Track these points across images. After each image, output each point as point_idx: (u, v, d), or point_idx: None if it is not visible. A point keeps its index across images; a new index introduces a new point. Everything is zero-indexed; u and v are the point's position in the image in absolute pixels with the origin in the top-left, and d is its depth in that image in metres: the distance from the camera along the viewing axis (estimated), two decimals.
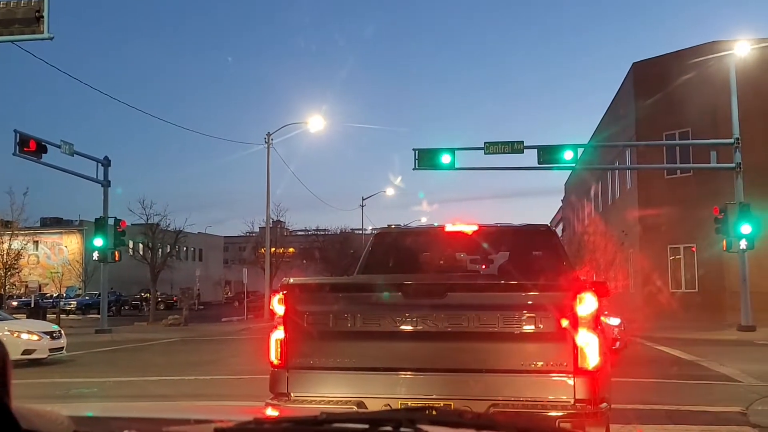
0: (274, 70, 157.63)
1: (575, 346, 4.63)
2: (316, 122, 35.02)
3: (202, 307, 55.05)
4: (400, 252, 7.58)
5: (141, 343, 23.51)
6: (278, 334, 5.05)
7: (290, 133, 37.21)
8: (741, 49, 24.30)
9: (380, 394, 4.76)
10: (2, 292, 55.75)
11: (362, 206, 56.64)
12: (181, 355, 19.68)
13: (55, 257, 64.52)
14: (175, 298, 51.98)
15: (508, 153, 25.27)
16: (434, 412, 1.00)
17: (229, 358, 18.70)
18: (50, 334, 17.18)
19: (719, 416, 9.13)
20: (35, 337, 16.63)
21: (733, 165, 23.78)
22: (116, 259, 27.99)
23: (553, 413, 4.55)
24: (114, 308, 49.99)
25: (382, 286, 5.23)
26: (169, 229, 38.48)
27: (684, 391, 11.31)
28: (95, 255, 28.19)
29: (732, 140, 23.85)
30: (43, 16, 12.85)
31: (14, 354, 14.77)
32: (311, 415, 1.04)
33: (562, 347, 4.68)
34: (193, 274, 52.86)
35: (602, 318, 15.64)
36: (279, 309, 5.08)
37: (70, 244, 66.00)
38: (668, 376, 13.09)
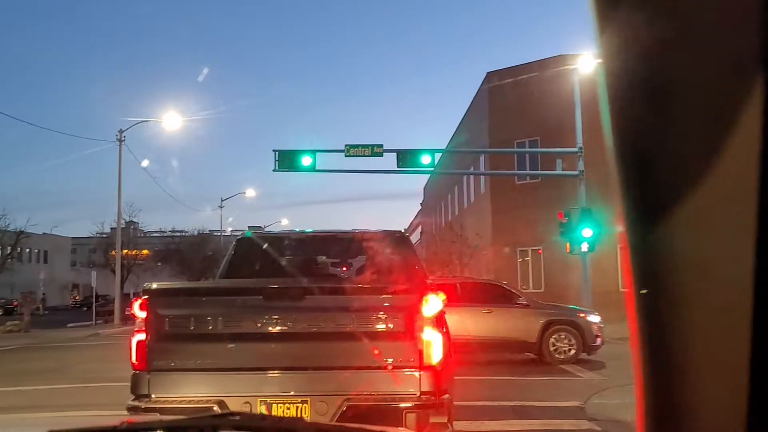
0: (132, 66, 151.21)
1: (421, 344, 5.05)
2: (171, 120, 33.77)
3: (47, 312, 51.85)
4: (262, 256, 7.85)
5: None
6: (139, 337, 5.20)
7: (146, 132, 35.82)
8: (585, 63, 25.86)
9: (241, 392, 5.03)
10: None
11: (221, 207, 55.49)
12: (19, 363, 18.40)
13: None
14: (15, 303, 48.62)
15: (369, 156, 25.51)
16: (237, 417, 0.96)
17: (74, 365, 17.68)
18: None
19: (561, 410, 9.64)
20: None
21: (576, 173, 25.26)
22: None
23: (401, 404, 4.96)
24: None
25: (242, 289, 5.55)
26: (8, 229, 35.92)
27: (529, 387, 11.86)
28: None
29: (576, 149, 25.33)
30: None
31: None
32: (111, 425, 0.97)
33: (409, 345, 5.07)
34: (36, 277, 49.64)
35: (583, 315, 15.92)
36: (140, 313, 5.23)
37: None
38: (516, 374, 13.69)
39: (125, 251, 49.41)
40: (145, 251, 63.94)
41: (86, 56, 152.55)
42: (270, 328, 5.19)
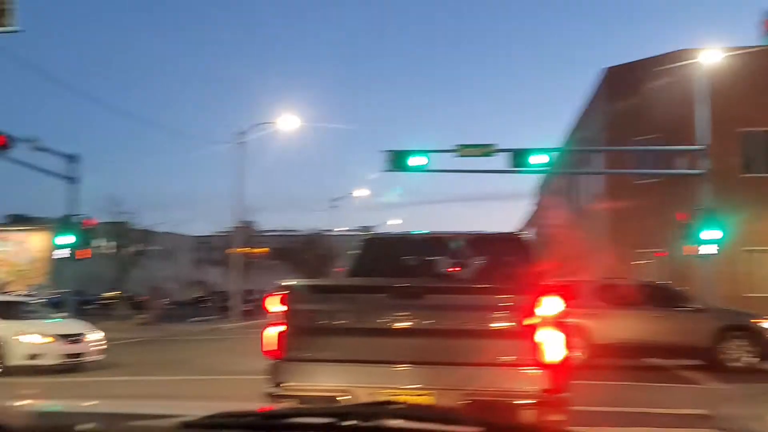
0: (248, 71, 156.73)
1: (540, 343, 5.23)
2: (287, 121, 34.76)
3: (171, 306, 54.49)
4: (386, 255, 8.27)
5: (107, 343, 23.19)
6: (274, 329, 5.65)
7: (263, 133, 36.93)
8: (709, 57, 24.65)
9: (368, 384, 5.27)
10: None
11: (332, 207, 56.50)
12: (148, 354, 19.46)
13: (21, 255, 63.37)
14: (144, 298, 51.38)
15: (481, 156, 25.32)
16: (400, 406, 0.98)
17: (196, 358, 18.53)
18: (68, 337, 14.68)
19: (684, 419, 9.24)
20: (41, 340, 14.37)
21: (701, 171, 24.12)
22: (85, 256, 27.55)
23: (521, 401, 5.12)
24: (80, 308, 49.21)
25: (369, 287, 5.94)
26: (137, 227, 38.06)
27: (649, 394, 11.43)
28: (58, 253, 27.73)
29: (701, 146, 24.19)
30: (9, 9, 12.63)
31: (17, 359, 14.05)
32: (278, 409, 1.02)
33: (528, 343, 5.24)
34: (163, 273, 52.35)
35: (756, 320, 15.48)
36: (276, 307, 5.67)
37: (36, 241, 64.87)
38: (640, 379, 13.18)
39: (243, 249, 51.33)
40: (261, 249, 66.13)
41: (210, 60, 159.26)
42: (395, 324, 5.47)
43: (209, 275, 45.81)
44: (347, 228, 78.11)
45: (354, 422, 0.88)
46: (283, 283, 5.85)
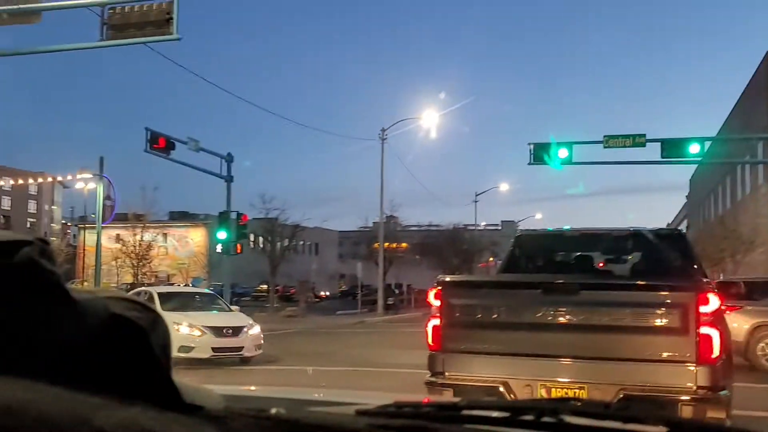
0: (388, 66, 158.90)
1: (698, 339, 5.20)
2: (429, 117, 35.03)
3: (318, 299, 56.31)
4: (539, 252, 8.47)
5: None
6: (434, 322, 5.94)
7: (404, 128, 37.49)
8: None
9: (523, 376, 5.54)
10: (135, 281, 59.13)
11: (475, 202, 56.21)
12: (298, 345, 20.22)
13: (182, 249, 67.61)
14: (293, 290, 53.48)
15: (629, 147, 24.37)
16: (578, 403, 0.98)
17: (343, 350, 19.05)
18: (222, 330, 14.39)
19: None
20: (196, 333, 14.11)
21: None
22: (238, 251, 29.05)
23: (677, 397, 5.16)
24: (234, 300, 51.99)
25: (523, 284, 6.17)
26: (287, 223, 39.61)
27: None
28: (218, 247, 29.41)
29: None
30: (172, 18, 13.59)
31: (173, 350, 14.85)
32: (453, 401, 1.05)
33: (685, 340, 5.25)
34: (309, 267, 54.19)
35: None
36: (435, 302, 5.96)
37: (196, 236, 68.95)
38: None
39: (386, 244, 52.15)
40: (404, 244, 66.94)
41: (349, 58, 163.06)
42: (549, 320, 5.62)
43: (354, 269, 47.10)
44: (490, 222, 77.44)
45: (531, 417, 0.89)
46: (440, 279, 6.14)
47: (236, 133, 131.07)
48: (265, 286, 50.75)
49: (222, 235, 28.60)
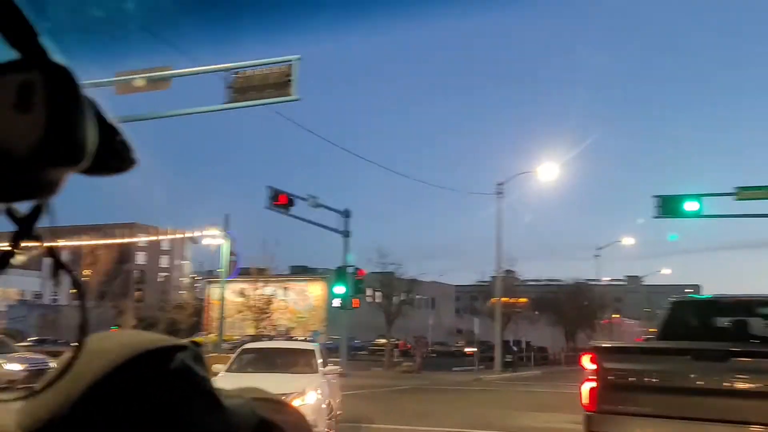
0: (504, 119, 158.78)
1: None
2: (547, 170, 34.37)
3: (434, 354, 55.68)
4: (693, 318, 8.66)
5: (372, 389, 24.16)
6: (590, 384, 6.37)
7: (521, 181, 36.96)
8: None
9: None
10: (256, 333, 60.60)
11: (596, 256, 54.32)
12: (415, 403, 19.86)
13: (301, 303, 68.94)
14: (409, 346, 53.23)
15: (764, 199, 22.94)
16: None
17: (462, 409, 18.55)
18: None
19: None
20: None
21: None
22: (355, 306, 29.27)
23: None
24: (351, 354, 52.46)
25: (674, 350, 6.57)
26: (403, 277, 39.67)
27: None
28: (336, 302, 29.73)
29: None
30: (291, 80, 14.14)
31: None
32: None
33: None
34: (425, 321, 53.83)
35: None
36: (590, 365, 6.40)
37: (315, 290, 70.22)
38: None
39: (504, 299, 51.13)
40: (523, 299, 65.45)
41: (464, 112, 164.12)
42: (700, 385, 5.93)
43: (471, 324, 46.48)
44: (614, 278, 74.77)
45: None
46: (595, 345, 6.76)
47: (353, 188, 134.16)
48: (382, 341, 50.83)
49: (339, 289, 28.94)
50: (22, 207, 0.61)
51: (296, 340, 55.16)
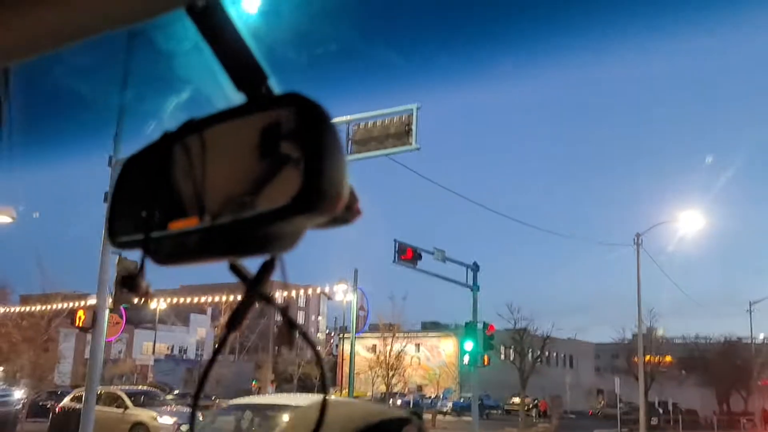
0: (640, 168, 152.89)
1: None
2: (691, 220, 32.36)
3: (573, 416, 53.10)
4: None
5: None
6: None
7: (662, 232, 35.01)
8: None
9: None
10: (387, 390, 60.28)
11: (749, 311, 50.19)
12: None
13: (433, 359, 68.09)
14: (544, 406, 51.07)
15: None
16: None
17: None
18: None
19: None
20: None
21: None
22: (485, 363, 28.36)
23: None
24: (485, 412, 51.02)
25: None
26: (536, 333, 38.31)
27: None
28: (465, 358, 28.94)
29: None
30: (411, 130, 14.07)
31: None
32: None
33: None
34: (562, 380, 51.60)
35: None
36: None
37: (447, 346, 69.27)
38: None
39: (648, 357, 48.19)
40: (668, 358, 61.50)
41: (602, 163, 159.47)
42: None
43: (611, 384, 44.07)
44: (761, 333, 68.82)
45: None
46: None
47: (481, 241, 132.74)
48: (517, 399, 49.15)
49: (468, 345, 28.18)
50: (251, 261, 0.58)
51: (427, 397, 54.40)
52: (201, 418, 9.81)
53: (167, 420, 20.41)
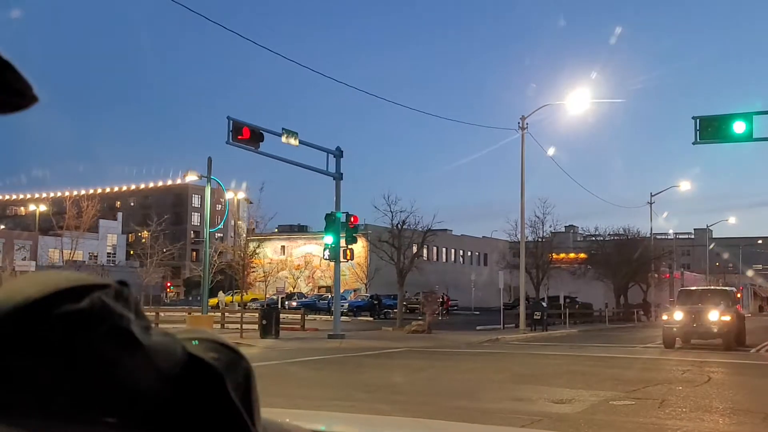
0: (526, 49, 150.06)
1: None
2: (576, 101, 29.54)
3: (477, 312, 52.01)
4: None
5: (363, 353, 20.70)
6: None
7: (548, 118, 32.43)
8: None
9: None
10: (291, 292, 57.86)
11: (650, 203, 48.96)
12: (378, 370, 16.27)
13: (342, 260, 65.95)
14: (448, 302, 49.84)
15: None
16: None
17: (431, 380, 14.89)
18: None
19: None
20: None
21: None
22: (347, 257, 25.87)
23: None
24: (377, 312, 49.73)
25: None
26: (417, 228, 35.96)
27: None
28: (325, 253, 26.34)
29: None
30: None
31: None
32: None
33: None
34: (468, 278, 50.16)
35: None
36: None
37: (356, 247, 67.05)
38: None
39: (552, 255, 47.01)
40: (575, 255, 60.92)
41: (480, 43, 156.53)
42: None
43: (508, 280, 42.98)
44: (670, 229, 68.83)
45: None
46: None
47: (351, 129, 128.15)
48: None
49: (328, 239, 25.49)
50: None
51: (323, 298, 52.19)
52: None
53: None
